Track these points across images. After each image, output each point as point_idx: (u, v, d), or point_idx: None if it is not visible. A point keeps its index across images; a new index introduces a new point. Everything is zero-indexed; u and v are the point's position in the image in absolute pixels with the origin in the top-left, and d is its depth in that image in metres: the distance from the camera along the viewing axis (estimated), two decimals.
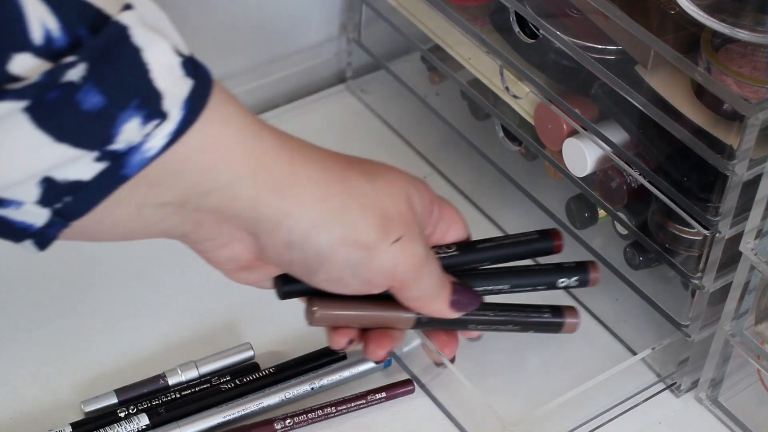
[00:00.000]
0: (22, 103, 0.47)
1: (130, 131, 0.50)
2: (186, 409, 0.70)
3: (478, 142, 0.84)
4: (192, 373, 0.72)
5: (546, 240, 0.68)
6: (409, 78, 0.90)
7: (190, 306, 0.77)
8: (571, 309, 0.69)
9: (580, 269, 0.68)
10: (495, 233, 0.83)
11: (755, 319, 0.69)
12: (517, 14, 0.74)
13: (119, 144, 0.50)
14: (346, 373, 0.72)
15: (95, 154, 0.50)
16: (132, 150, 0.51)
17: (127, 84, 0.50)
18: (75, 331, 0.74)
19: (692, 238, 0.69)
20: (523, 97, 0.76)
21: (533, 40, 0.74)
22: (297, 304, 0.74)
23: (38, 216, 0.51)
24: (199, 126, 0.53)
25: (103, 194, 0.52)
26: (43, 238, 0.53)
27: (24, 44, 0.47)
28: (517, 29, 0.75)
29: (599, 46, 0.69)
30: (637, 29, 0.65)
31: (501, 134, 0.81)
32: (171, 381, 0.71)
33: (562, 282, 0.68)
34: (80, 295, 0.77)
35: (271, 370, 0.72)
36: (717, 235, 0.66)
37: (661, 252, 0.70)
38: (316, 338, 0.71)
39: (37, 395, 0.71)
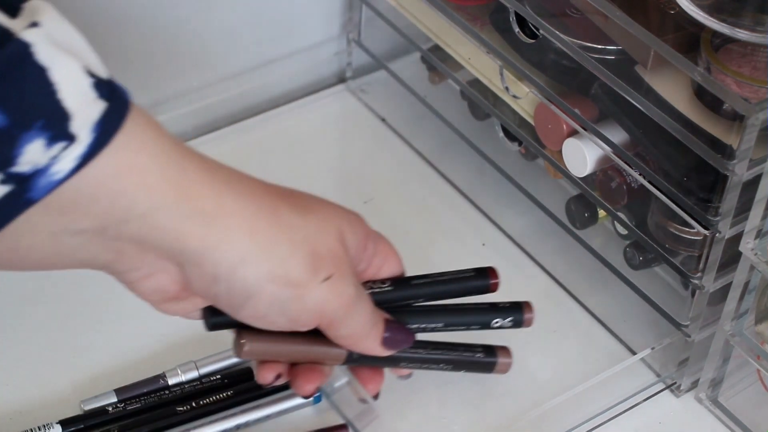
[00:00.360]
0: None
1: (33, 153, 0.48)
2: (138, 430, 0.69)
3: (478, 142, 0.84)
4: (192, 374, 0.72)
5: (482, 278, 0.67)
6: (409, 78, 0.90)
7: None
8: (504, 349, 0.69)
9: (515, 309, 0.68)
10: (495, 233, 0.83)
11: (755, 319, 0.69)
12: (517, 14, 0.74)
13: (23, 166, 0.48)
14: (274, 409, 0.70)
15: None
16: (38, 173, 0.49)
17: (30, 104, 0.48)
18: (75, 331, 0.74)
19: (692, 238, 0.69)
20: (523, 97, 0.76)
21: (533, 40, 0.74)
22: None
23: None
24: (112, 150, 0.50)
25: (8, 218, 0.49)
26: None
27: None
28: (517, 29, 0.75)
29: (599, 46, 0.69)
30: (637, 29, 0.65)
31: (501, 134, 0.81)
32: (171, 381, 0.71)
33: (496, 322, 0.67)
34: (81, 294, 0.77)
35: (229, 393, 0.71)
36: (717, 235, 0.66)
37: (661, 252, 0.71)
38: None
39: (37, 395, 0.71)
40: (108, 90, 0.50)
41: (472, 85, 0.81)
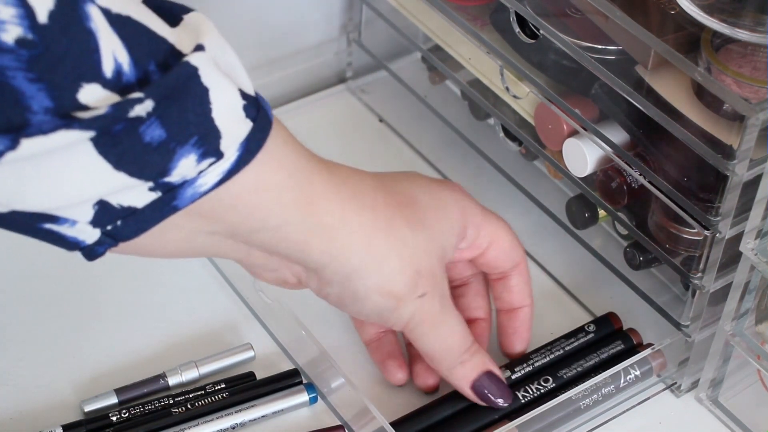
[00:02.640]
0: (89, 134, 0.48)
1: (185, 166, 0.52)
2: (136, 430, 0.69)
3: (478, 142, 0.84)
4: (192, 374, 0.72)
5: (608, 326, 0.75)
6: (410, 78, 0.90)
7: (190, 306, 0.77)
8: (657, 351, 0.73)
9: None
10: None
11: (755, 319, 0.69)
12: (517, 14, 0.74)
13: (174, 177, 0.52)
14: (270, 410, 0.70)
15: (150, 184, 0.52)
16: (185, 184, 0.52)
17: (188, 122, 0.51)
18: (75, 331, 0.74)
19: (692, 238, 0.69)
20: (523, 97, 0.76)
21: (533, 40, 0.74)
22: (297, 307, 0.74)
23: (90, 234, 0.53)
24: (253, 167, 0.54)
25: (153, 222, 0.53)
26: (91, 252, 0.54)
27: (95, 75, 0.48)
28: (517, 29, 0.75)
29: (599, 46, 0.69)
30: (637, 29, 0.65)
31: (501, 134, 0.81)
32: (171, 381, 0.71)
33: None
34: (81, 294, 0.77)
35: (225, 395, 0.71)
36: (717, 235, 0.66)
37: (661, 252, 0.71)
38: (316, 338, 0.71)
39: (37, 395, 0.71)
40: (254, 110, 0.54)
41: (472, 85, 0.81)
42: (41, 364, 0.73)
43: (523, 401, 0.70)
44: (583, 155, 0.72)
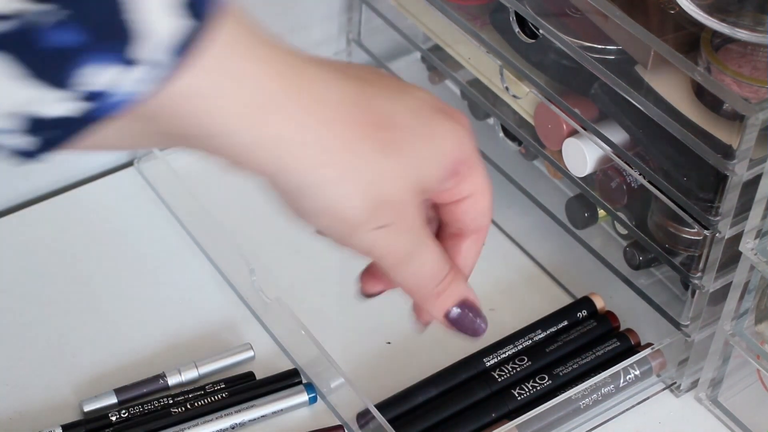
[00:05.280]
0: None
1: (107, 74, 0.46)
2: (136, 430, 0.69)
3: (478, 142, 0.84)
4: (192, 374, 0.72)
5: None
6: (410, 78, 0.90)
7: (190, 306, 0.77)
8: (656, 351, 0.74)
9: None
10: (495, 233, 0.83)
11: (755, 319, 0.69)
12: (517, 14, 0.74)
13: (94, 86, 0.46)
14: (270, 410, 0.70)
15: (70, 93, 0.46)
16: (110, 92, 0.47)
17: (104, 23, 0.45)
18: (75, 331, 0.75)
19: (692, 238, 0.69)
20: (522, 97, 0.76)
21: (533, 40, 0.74)
22: (297, 306, 0.74)
23: (27, 143, 0.47)
24: (191, 73, 0.48)
25: (84, 130, 0.48)
26: (31, 156, 0.49)
27: None
28: (517, 29, 0.75)
29: (599, 46, 0.69)
30: (637, 29, 0.65)
31: (501, 134, 0.81)
32: (171, 381, 0.71)
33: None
34: (80, 294, 0.77)
35: (224, 395, 0.71)
36: (717, 235, 0.66)
37: (661, 252, 0.71)
38: (315, 338, 0.71)
39: (37, 395, 0.71)
40: (191, 6, 0.47)
41: (472, 84, 0.81)
42: (41, 364, 0.73)
43: (519, 399, 0.70)
44: (583, 155, 0.72)
